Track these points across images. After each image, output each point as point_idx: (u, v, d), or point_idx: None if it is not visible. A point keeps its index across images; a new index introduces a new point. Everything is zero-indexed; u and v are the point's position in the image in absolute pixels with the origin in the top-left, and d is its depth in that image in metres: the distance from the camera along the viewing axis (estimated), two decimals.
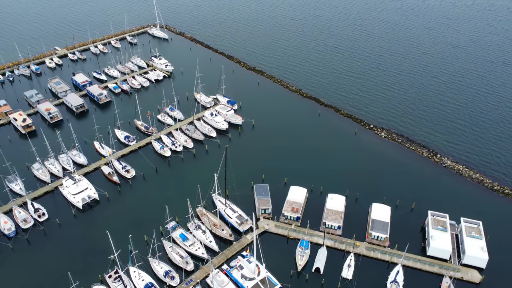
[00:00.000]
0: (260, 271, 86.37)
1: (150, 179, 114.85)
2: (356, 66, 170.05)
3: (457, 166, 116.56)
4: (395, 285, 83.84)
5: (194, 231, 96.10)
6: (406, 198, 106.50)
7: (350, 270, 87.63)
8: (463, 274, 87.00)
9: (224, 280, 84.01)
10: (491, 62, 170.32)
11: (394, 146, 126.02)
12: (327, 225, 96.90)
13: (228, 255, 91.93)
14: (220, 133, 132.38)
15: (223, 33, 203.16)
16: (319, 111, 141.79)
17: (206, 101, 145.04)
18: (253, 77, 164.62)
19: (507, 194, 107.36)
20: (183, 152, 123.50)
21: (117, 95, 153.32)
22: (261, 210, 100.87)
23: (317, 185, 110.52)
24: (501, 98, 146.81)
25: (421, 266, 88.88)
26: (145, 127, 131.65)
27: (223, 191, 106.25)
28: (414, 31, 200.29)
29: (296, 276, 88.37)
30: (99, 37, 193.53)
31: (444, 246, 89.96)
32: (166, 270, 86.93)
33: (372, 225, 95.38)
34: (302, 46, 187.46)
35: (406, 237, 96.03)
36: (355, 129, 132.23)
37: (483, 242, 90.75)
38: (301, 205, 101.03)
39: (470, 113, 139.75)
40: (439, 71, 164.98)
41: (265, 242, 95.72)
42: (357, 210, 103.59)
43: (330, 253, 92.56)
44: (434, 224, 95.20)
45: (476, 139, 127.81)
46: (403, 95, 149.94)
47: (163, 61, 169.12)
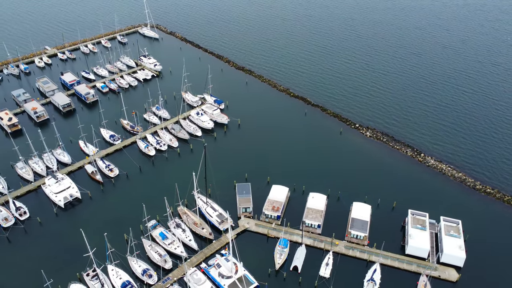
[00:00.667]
0: (238, 269, 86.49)
1: (133, 178, 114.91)
2: (344, 66, 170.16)
3: (440, 165, 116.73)
4: (371, 284, 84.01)
5: (174, 229, 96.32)
6: (388, 197, 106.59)
7: (328, 269, 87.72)
8: (440, 273, 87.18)
9: (201, 279, 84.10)
10: (480, 62, 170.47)
11: (379, 145, 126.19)
12: (307, 224, 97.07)
13: (207, 253, 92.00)
14: (206, 132, 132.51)
15: (214, 33, 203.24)
16: (306, 111, 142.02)
17: (193, 100, 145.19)
18: (241, 76, 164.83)
19: (488, 193, 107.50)
20: (167, 151, 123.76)
21: (104, 94, 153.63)
22: (242, 209, 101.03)
23: (300, 184, 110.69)
24: (487, 98, 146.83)
25: (399, 265, 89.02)
26: (130, 126, 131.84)
27: (204, 190, 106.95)
28: (404, 31, 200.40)
29: (274, 275, 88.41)
30: (90, 37, 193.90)
31: (423, 245, 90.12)
32: (144, 269, 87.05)
33: (351, 224, 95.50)
34: (291, 46, 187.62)
35: (386, 236, 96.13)
36: (341, 129, 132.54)
37: (461, 241, 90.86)
38: (282, 204, 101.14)
39: (455, 113, 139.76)
40: (427, 71, 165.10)
41: (245, 241, 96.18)
42: (339, 209, 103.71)
43: (309, 252, 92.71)
44: (414, 223, 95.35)
45: (460, 139, 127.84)
46: (390, 95, 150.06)
47: (152, 60, 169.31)
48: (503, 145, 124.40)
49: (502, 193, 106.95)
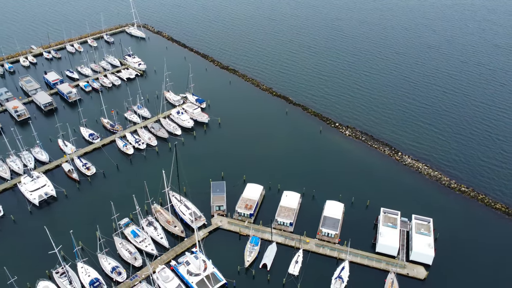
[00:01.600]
0: (207, 267, 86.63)
1: (110, 176, 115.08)
2: (327, 66, 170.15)
3: (417, 164, 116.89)
4: (339, 281, 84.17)
5: (146, 227, 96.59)
6: (362, 195, 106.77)
7: (297, 266, 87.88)
8: (409, 271, 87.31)
9: (168, 276, 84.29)
10: (464, 63, 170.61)
11: (357, 144, 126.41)
12: (279, 222, 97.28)
13: (177, 251, 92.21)
14: (186, 131, 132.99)
15: (200, 32, 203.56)
16: (287, 110, 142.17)
17: (174, 99, 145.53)
18: (225, 76, 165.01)
19: (463, 191, 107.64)
20: (146, 150, 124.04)
21: (87, 93, 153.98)
22: (216, 207, 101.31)
23: (276, 183, 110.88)
24: (467, 99, 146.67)
25: (369, 263, 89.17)
26: (110, 125, 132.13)
27: (180, 189, 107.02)
28: (390, 31, 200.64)
29: (243, 272, 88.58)
30: (77, 36, 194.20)
31: (392, 243, 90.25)
32: (114, 266, 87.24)
33: (323, 222, 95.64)
34: (277, 46, 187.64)
35: (358, 234, 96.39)
36: (320, 128, 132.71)
37: (431, 239, 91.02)
38: (256, 202, 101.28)
39: (435, 113, 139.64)
40: (410, 71, 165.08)
41: (217, 239, 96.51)
42: (313, 207, 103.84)
43: (279, 250, 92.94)
44: (385, 221, 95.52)
45: (437, 138, 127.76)
46: (371, 95, 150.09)
47: (137, 59, 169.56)
48: (479, 145, 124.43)
49: (476, 192, 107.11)
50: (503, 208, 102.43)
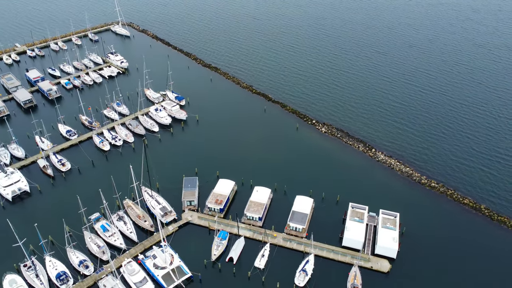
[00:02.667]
0: (174, 260, 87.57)
1: (85, 172, 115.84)
2: (308, 65, 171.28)
3: (389, 160, 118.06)
4: (303, 274, 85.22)
5: (117, 222, 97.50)
6: (334, 191, 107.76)
7: (263, 260, 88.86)
8: (373, 264, 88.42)
9: (134, 269, 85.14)
10: (444, 61, 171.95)
11: (333, 140, 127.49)
12: (248, 217, 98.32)
13: (146, 245, 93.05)
14: (164, 127, 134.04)
15: (184, 31, 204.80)
16: (265, 107, 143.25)
17: (154, 96, 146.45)
18: (207, 73, 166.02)
19: (433, 187, 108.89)
20: (122, 146, 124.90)
21: (68, 90, 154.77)
22: (187, 202, 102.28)
23: (248, 178, 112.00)
24: (444, 97, 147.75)
25: (334, 256, 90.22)
26: (88, 122, 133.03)
27: (153, 184, 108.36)
28: (373, 30, 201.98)
29: (210, 266, 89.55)
30: (61, 34, 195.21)
31: (358, 237, 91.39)
32: (81, 260, 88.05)
33: (291, 216, 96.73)
34: (259, 45, 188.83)
35: (326, 229, 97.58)
36: (297, 124, 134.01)
37: (396, 233, 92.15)
38: (226, 197, 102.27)
39: (410, 111, 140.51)
40: (389, 70, 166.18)
41: (186, 233, 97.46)
42: (283, 202, 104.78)
43: (247, 244, 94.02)
44: (352, 216, 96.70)
45: (411, 135, 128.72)
46: (349, 93, 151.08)
47: (119, 57, 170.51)
48: (451, 143, 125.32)
49: (445, 187, 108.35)
50: (471, 203, 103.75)
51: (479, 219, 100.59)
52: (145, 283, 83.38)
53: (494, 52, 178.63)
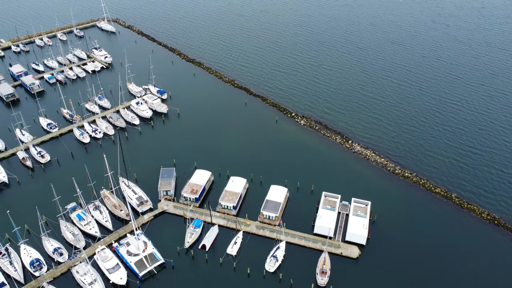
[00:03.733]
0: (147, 247, 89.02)
1: (64, 163, 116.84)
2: (291, 60, 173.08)
3: (365, 151, 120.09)
4: (273, 260, 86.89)
5: (93, 211, 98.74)
6: (309, 181, 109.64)
7: (235, 247, 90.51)
8: (342, 250, 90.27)
9: (108, 256, 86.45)
10: (424, 57, 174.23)
11: (311, 132, 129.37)
12: (223, 206, 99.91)
13: (121, 233, 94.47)
14: (144, 120, 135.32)
15: (170, 27, 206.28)
16: (246, 101, 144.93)
17: (136, 90, 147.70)
18: (190, 68, 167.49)
19: (406, 177, 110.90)
20: (102, 139, 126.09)
21: (51, 85, 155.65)
22: (163, 192, 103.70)
23: (226, 169, 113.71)
24: (422, 91, 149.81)
25: (305, 243, 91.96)
26: (69, 115, 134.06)
27: (130, 175, 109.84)
28: (356, 27, 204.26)
29: (183, 253, 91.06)
30: (46, 30, 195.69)
31: (329, 224, 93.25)
32: (56, 247, 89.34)
33: (264, 205, 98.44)
34: (243, 41, 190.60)
35: (300, 217, 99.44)
36: (276, 117, 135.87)
37: (366, 220, 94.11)
38: (202, 187, 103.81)
39: (388, 104, 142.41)
40: (370, 66, 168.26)
41: (162, 222, 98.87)
42: (258, 192, 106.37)
43: (221, 232, 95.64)
44: (325, 204, 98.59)
45: (388, 128, 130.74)
46: (329, 87, 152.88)
47: (103, 52, 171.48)
48: (426, 135, 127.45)
49: (418, 177, 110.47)
50: (442, 192, 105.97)
51: (450, 207, 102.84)
52: (118, 269, 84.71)
53: (474, 48, 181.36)
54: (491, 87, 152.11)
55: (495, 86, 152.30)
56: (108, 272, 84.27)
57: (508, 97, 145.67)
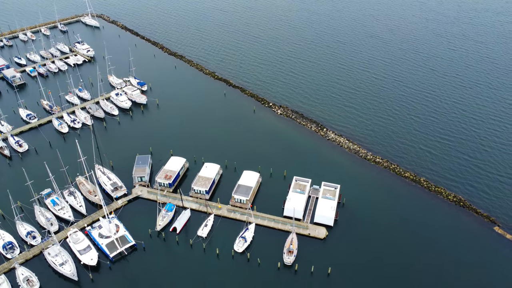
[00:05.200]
0: (119, 230, 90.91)
1: (42, 152, 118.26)
2: (270, 54, 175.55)
3: (339, 138, 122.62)
4: (242, 240, 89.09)
5: (68, 197, 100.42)
6: (282, 166, 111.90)
7: (206, 229, 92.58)
8: (310, 231, 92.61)
9: (79, 238, 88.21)
10: (402, 50, 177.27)
11: (287, 121, 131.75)
12: (196, 190, 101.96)
13: (94, 217, 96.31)
14: (123, 111, 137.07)
15: (153, 22, 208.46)
16: (225, 92, 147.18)
17: (116, 82, 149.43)
18: (172, 61, 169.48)
19: (377, 162, 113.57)
20: (81, 129, 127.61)
21: (33, 78, 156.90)
22: (138, 178, 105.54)
23: (201, 156, 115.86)
24: (397, 82, 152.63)
25: (274, 225, 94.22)
26: (49, 106, 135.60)
27: (105, 162, 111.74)
28: (338, 22, 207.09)
29: (155, 235, 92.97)
30: (30, 26, 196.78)
31: (298, 207, 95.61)
32: (29, 231, 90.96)
33: (236, 189, 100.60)
34: (224, 35, 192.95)
35: (271, 201, 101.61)
36: (254, 107, 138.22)
37: (334, 203, 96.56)
38: (176, 173, 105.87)
39: (362, 95, 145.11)
40: (347, 59, 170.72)
41: (135, 207, 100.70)
42: (233, 178, 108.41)
43: (193, 216, 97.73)
44: (295, 188, 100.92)
45: (361, 117, 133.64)
46: (307, 79, 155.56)
47: (85, 46, 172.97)
48: (398, 123, 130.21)
49: (389, 162, 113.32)
50: (411, 176, 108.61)
51: (418, 190, 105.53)
52: (89, 251, 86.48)
53: (451, 41, 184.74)
54: (465, 78, 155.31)
55: (469, 77, 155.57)
56: (79, 254, 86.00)
57: (480, 88, 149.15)
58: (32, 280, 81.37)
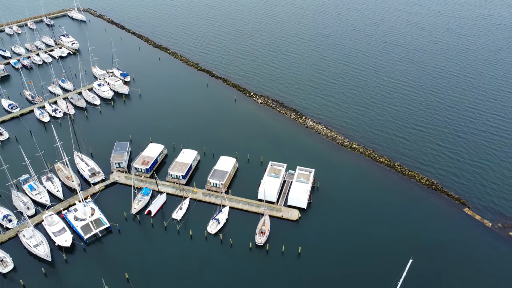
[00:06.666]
0: (95, 213, 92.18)
1: (22, 140, 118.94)
2: (253, 46, 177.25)
3: (317, 126, 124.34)
4: (215, 222, 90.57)
5: (45, 182, 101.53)
6: (260, 153, 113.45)
7: (180, 212, 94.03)
8: (283, 213, 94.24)
9: (54, 221, 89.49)
10: (384, 43, 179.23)
11: (267, 110, 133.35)
12: (172, 175, 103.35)
13: (71, 202, 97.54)
14: (105, 101, 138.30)
15: (139, 15, 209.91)
16: (207, 82, 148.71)
17: (100, 73, 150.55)
18: (157, 53, 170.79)
19: (354, 148, 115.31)
20: (62, 118, 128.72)
21: (17, 70, 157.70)
22: (116, 164, 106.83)
23: (180, 143, 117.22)
24: (375, 74, 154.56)
25: (248, 208, 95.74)
26: (31, 97, 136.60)
27: (84, 149, 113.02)
28: (321, 16, 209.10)
29: (130, 218, 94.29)
30: (16, 20, 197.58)
31: (271, 190, 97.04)
32: (5, 214, 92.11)
33: (212, 174, 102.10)
34: (209, 28, 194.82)
35: (246, 185, 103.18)
36: (235, 96, 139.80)
37: (308, 186, 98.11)
38: (154, 159, 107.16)
39: (342, 86, 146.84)
40: (329, 51, 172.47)
41: (112, 191, 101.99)
42: (211, 163, 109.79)
43: (169, 200, 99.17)
44: (270, 172, 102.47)
45: (339, 105, 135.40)
46: (288, 70, 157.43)
47: (70, 39, 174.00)
48: (374, 112, 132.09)
49: (365, 148, 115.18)
50: (386, 161, 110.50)
51: (393, 175, 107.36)
52: (63, 232, 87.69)
53: (433, 34, 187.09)
54: (443, 69, 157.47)
55: (447, 69, 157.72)
56: (54, 236, 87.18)
57: (457, 79, 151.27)
58: (6, 261, 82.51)
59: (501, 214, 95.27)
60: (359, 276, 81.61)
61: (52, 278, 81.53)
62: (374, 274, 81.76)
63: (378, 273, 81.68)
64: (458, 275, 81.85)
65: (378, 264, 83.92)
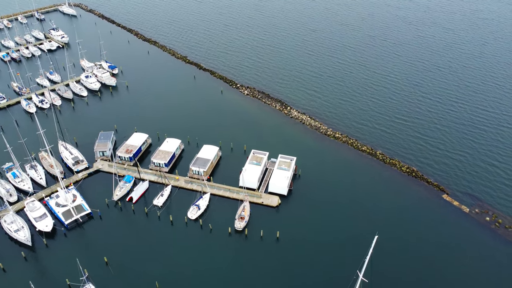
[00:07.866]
0: (76, 199, 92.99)
1: (8, 130, 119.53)
2: (241, 40, 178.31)
3: (301, 116, 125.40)
4: (196, 208, 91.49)
5: (29, 170, 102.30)
6: (244, 142, 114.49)
7: (161, 199, 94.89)
8: (264, 200, 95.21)
9: (36, 206, 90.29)
10: (371, 37, 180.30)
11: (253, 101, 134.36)
12: (155, 163, 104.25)
13: (53, 189, 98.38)
14: (92, 92, 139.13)
15: (129, 10, 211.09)
16: (195, 74, 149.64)
17: (88, 66, 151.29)
18: (146, 46, 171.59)
19: (337, 137, 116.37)
20: (49, 109, 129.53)
21: (5, 62, 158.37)
22: (99, 153, 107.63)
23: (164, 132, 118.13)
24: (361, 67, 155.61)
25: (229, 195, 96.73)
26: (18, 88, 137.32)
27: (68, 138, 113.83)
28: (310, 10, 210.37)
29: (112, 205, 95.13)
30: (7, 14, 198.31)
31: (252, 178, 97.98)
32: None
33: (194, 162, 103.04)
34: (197, 22, 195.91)
35: (230, 173, 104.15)
36: (222, 88, 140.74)
37: (289, 173, 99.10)
38: (137, 147, 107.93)
39: (327, 79, 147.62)
40: (317, 46, 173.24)
41: (95, 179, 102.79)
42: (194, 152, 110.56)
43: (151, 187, 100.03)
44: (252, 160, 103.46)
45: (324, 96, 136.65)
46: (275, 64, 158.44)
47: (60, 33, 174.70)
48: (357, 104, 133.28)
49: (348, 137, 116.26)
50: (368, 150, 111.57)
51: (374, 163, 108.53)
52: (45, 218, 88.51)
53: (420, 28, 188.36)
54: (429, 63, 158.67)
55: (433, 62, 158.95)
56: (35, 221, 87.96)
57: (442, 72, 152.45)
58: None
59: (478, 200, 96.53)
60: (335, 259, 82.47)
61: (32, 261, 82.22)
62: (349, 254, 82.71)
63: (353, 254, 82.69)
64: (436, 256, 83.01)
65: (354, 247, 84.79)
